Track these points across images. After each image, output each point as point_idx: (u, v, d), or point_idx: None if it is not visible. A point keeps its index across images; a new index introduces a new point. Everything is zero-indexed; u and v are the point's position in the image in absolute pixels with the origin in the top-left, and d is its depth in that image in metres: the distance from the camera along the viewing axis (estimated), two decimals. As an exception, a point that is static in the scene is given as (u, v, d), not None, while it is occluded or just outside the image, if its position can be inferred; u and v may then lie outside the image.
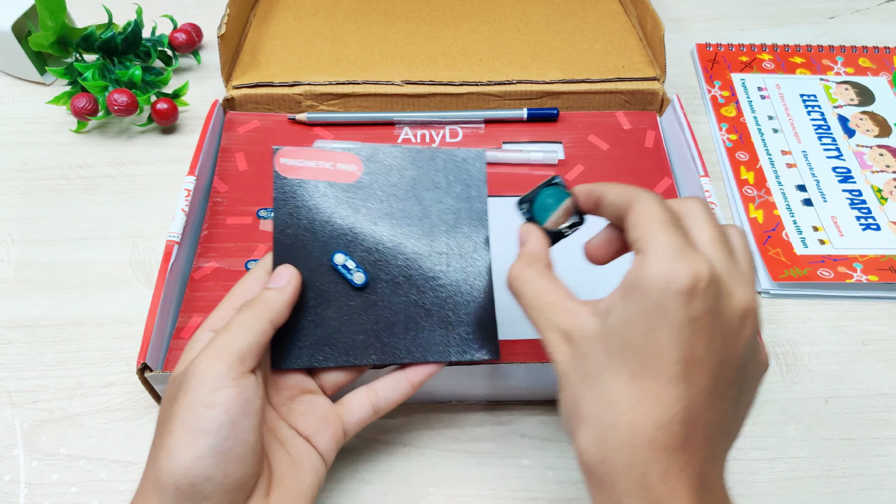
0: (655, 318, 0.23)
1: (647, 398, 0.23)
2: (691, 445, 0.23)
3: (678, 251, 0.23)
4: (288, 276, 0.29)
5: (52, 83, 0.55)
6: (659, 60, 0.50)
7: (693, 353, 0.23)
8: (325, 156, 0.31)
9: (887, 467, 0.35)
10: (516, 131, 0.48)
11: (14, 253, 0.44)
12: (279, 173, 0.31)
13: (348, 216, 0.31)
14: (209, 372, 0.25)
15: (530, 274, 0.27)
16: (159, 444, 0.25)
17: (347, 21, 0.55)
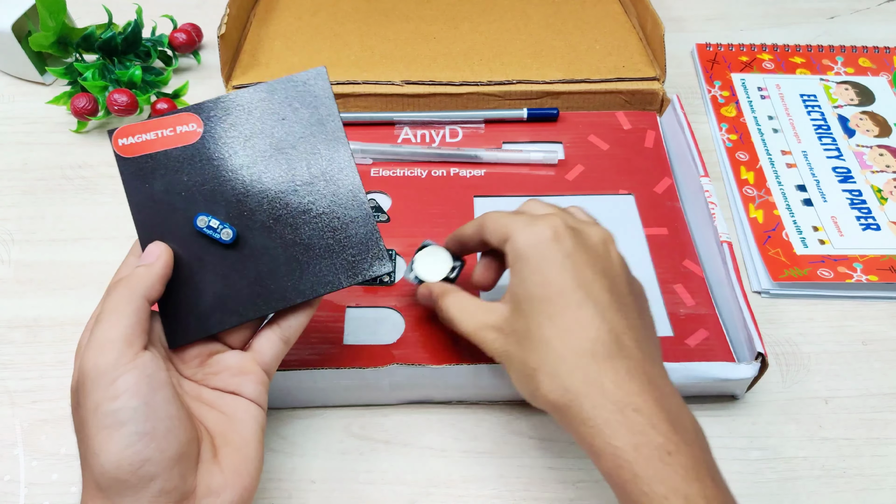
0: (541, 268, 0.28)
1: (571, 325, 0.27)
2: (626, 350, 0.27)
3: (531, 219, 0.30)
4: (157, 252, 0.29)
5: (52, 83, 0.55)
6: (659, 60, 0.50)
7: (583, 277, 0.28)
8: (163, 123, 0.30)
9: (887, 467, 0.35)
10: (516, 131, 0.48)
11: (14, 253, 0.44)
12: (120, 155, 0.30)
13: (203, 175, 0.30)
14: (98, 367, 0.25)
15: (451, 293, 0.32)
16: (84, 452, 0.25)
17: (348, 21, 0.55)
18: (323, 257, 0.30)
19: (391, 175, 0.45)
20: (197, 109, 0.31)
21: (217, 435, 0.28)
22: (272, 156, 0.31)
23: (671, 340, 0.37)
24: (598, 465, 0.26)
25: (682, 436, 0.25)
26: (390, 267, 0.31)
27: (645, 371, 0.26)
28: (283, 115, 0.31)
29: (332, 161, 0.31)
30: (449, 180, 0.45)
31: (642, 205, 0.44)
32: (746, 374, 0.34)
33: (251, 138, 0.31)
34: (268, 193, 0.30)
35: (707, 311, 0.38)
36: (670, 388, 0.27)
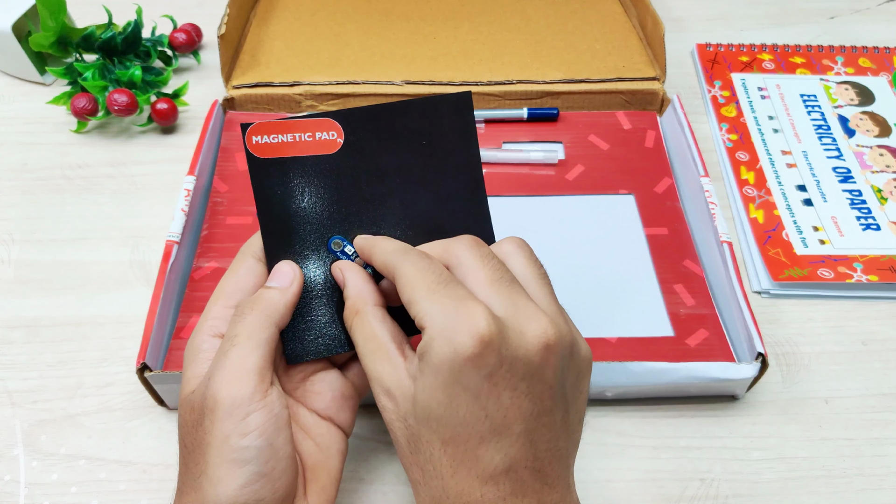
0: (452, 389, 0.23)
1: (465, 461, 0.23)
2: (521, 488, 0.23)
3: (452, 316, 0.23)
4: (292, 276, 0.27)
5: (52, 83, 0.55)
6: (659, 60, 0.50)
7: (498, 407, 0.23)
8: (302, 126, 0.28)
9: (887, 467, 0.35)
10: (516, 131, 0.48)
11: (14, 253, 0.44)
12: (253, 155, 0.28)
13: (339, 191, 0.28)
14: (234, 398, 0.24)
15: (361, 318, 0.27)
16: (197, 472, 0.24)
17: (347, 21, 0.55)
18: None
19: (391, 175, 0.45)
20: (339, 117, 0.28)
21: (308, 468, 0.27)
22: (410, 179, 0.29)
23: (671, 340, 0.37)
24: None
25: None
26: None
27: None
28: (426, 138, 0.29)
29: (465, 198, 0.29)
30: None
31: (642, 205, 0.44)
32: (747, 374, 0.34)
33: (392, 157, 0.29)
34: (401, 220, 0.29)
35: (707, 311, 0.38)
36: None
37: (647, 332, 0.37)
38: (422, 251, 0.26)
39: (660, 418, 0.36)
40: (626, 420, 0.36)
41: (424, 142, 0.29)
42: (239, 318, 0.26)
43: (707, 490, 0.34)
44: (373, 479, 0.34)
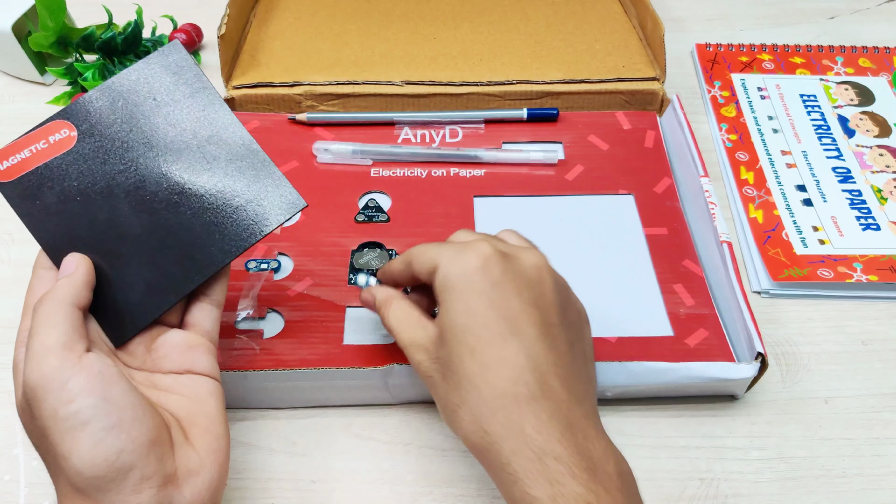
0: (466, 297, 0.27)
1: (493, 363, 0.26)
2: (550, 391, 0.26)
3: (459, 248, 0.28)
4: (74, 262, 0.29)
5: (52, 83, 0.55)
6: (659, 60, 0.50)
7: (509, 309, 0.27)
8: (32, 138, 0.30)
9: (887, 467, 0.35)
10: (516, 131, 0.48)
11: (14, 253, 0.44)
12: (2, 182, 0.30)
13: (92, 176, 0.30)
14: (45, 375, 0.25)
15: (394, 302, 0.31)
16: (53, 461, 0.25)
17: (347, 21, 0.55)
18: (238, 212, 0.31)
19: (391, 175, 0.45)
20: (64, 115, 0.30)
21: (183, 418, 0.28)
22: (157, 136, 0.31)
23: (671, 340, 0.37)
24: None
25: (604, 483, 0.24)
26: (304, 202, 0.31)
27: (568, 414, 0.26)
28: (154, 95, 0.31)
29: (214, 123, 0.31)
30: (449, 180, 0.45)
31: (642, 205, 0.44)
32: (746, 373, 0.34)
33: (129, 126, 0.31)
34: (164, 171, 0.30)
35: (707, 311, 0.38)
36: (595, 431, 0.26)
37: (646, 331, 0.37)
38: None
39: (659, 418, 0.36)
40: (626, 420, 0.36)
41: (153, 101, 0.31)
42: (33, 313, 0.27)
43: (707, 490, 0.34)
44: (373, 480, 0.34)
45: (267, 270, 0.40)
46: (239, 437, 0.35)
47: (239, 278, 0.39)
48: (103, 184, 0.30)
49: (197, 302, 0.31)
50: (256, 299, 0.38)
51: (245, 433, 0.35)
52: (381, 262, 0.39)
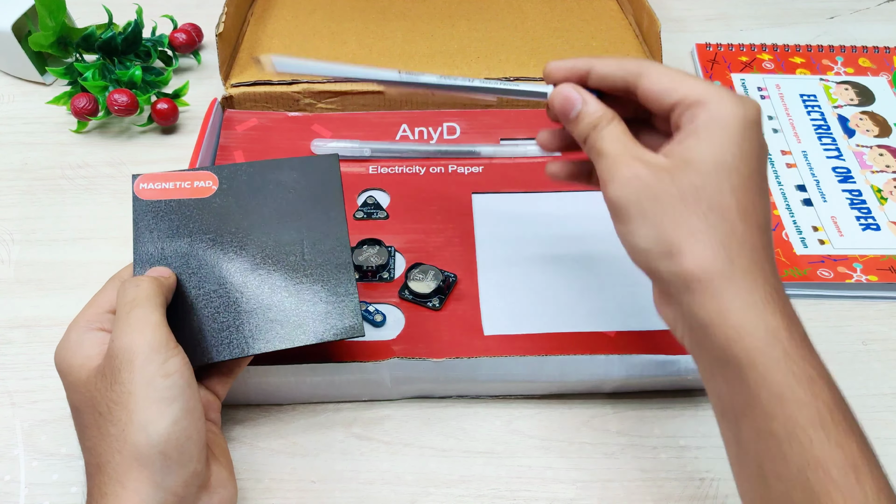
0: (742, 143, 0.26)
1: (751, 208, 0.26)
2: (770, 245, 0.26)
3: (732, 93, 0.27)
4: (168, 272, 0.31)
5: (52, 83, 0.55)
6: (655, 57, 0.50)
7: (763, 172, 0.27)
8: (182, 176, 0.34)
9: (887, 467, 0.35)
10: (515, 128, 0.48)
11: (14, 253, 0.44)
12: (137, 197, 0.33)
13: (208, 225, 0.33)
14: (151, 344, 0.26)
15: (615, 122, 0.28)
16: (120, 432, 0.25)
17: (345, 19, 0.55)
18: (303, 312, 0.32)
19: (389, 172, 0.45)
20: (216, 170, 0.34)
21: (209, 438, 0.29)
22: (275, 218, 0.34)
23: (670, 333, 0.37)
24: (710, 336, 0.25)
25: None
26: (363, 334, 0.32)
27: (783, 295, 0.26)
28: (292, 188, 0.34)
29: (327, 233, 0.33)
30: (447, 177, 0.45)
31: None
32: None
33: (259, 200, 0.34)
34: (265, 247, 0.33)
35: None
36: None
37: (646, 325, 0.37)
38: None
39: (660, 418, 0.36)
40: (626, 420, 0.36)
41: (291, 193, 0.34)
42: (131, 286, 0.28)
43: (706, 490, 0.34)
44: (373, 480, 0.34)
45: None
46: (239, 437, 0.35)
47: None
48: (213, 235, 0.33)
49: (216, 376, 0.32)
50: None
51: (245, 433, 0.35)
52: (381, 258, 0.39)
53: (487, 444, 0.35)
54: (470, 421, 0.36)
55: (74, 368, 0.28)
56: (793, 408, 0.24)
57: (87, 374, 0.27)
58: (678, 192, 0.26)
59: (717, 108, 0.26)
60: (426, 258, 0.40)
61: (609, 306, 0.38)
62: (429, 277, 0.38)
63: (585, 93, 0.29)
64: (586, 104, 0.29)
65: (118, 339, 0.26)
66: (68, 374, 0.28)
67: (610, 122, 0.28)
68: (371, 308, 0.37)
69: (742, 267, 0.25)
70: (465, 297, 0.38)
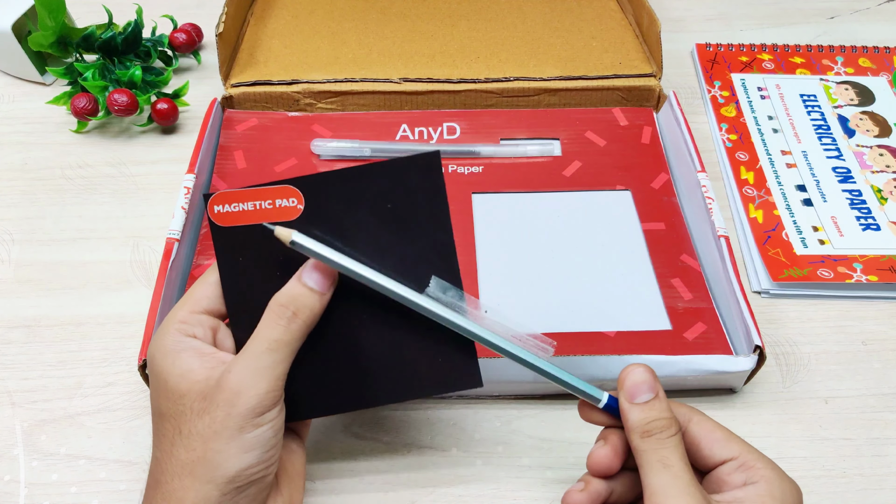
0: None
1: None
2: None
3: (783, 474, 0.27)
4: (329, 283, 0.27)
5: (52, 83, 0.55)
6: (655, 57, 0.50)
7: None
8: (262, 194, 0.28)
9: (887, 467, 0.35)
10: (514, 128, 0.48)
11: (14, 253, 0.44)
12: (216, 224, 0.28)
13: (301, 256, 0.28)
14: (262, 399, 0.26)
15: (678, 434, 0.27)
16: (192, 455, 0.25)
17: (345, 19, 0.55)
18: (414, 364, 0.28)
19: (391, 175, 0.45)
20: (299, 184, 0.28)
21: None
22: (373, 242, 0.28)
23: (669, 334, 0.37)
24: None
25: None
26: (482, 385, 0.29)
27: None
28: (389, 200, 0.28)
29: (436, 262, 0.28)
30: (447, 177, 0.45)
31: (639, 200, 0.44)
32: (744, 366, 0.34)
33: (353, 222, 0.28)
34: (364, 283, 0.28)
35: (705, 305, 0.38)
36: None
37: (644, 325, 0.37)
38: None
39: (659, 418, 0.36)
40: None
41: (390, 205, 0.28)
42: (282, 322, 0.27)
43: (706, 489, 0.34)
44: (373, 480, 0.34)
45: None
46: (238, 436, 0.35)
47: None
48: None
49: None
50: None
51: (244, 432, 0.35)
52: None
53: (487, 444, 0.35)
54: (470, 421, 0.36)
55: (173, 378, 0.26)
56: None
57: (187, 388, 0.26)
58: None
59: (779, 487, 0.26)
60: None
61: (609, 306, 0.38)
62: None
63: (672, 404, 0.28)
64: (661, 398, 0.27)
65: (236, 376, 0.25)
66: (165, 380, 0.27)
67: (678, 433, 0.27)
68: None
69: None
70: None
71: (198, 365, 0.27)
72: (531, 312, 0.38)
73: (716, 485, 0.27)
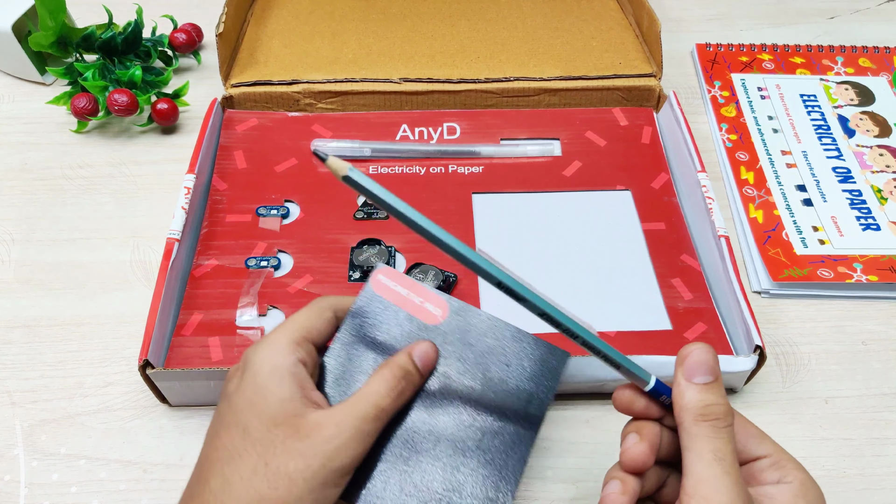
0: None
1: None
2: None
3: (808, 475, 0.27)
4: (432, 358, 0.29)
5: (52, 83, 0.55)
6: (655, 57, 0.50)
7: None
8: (418, 290, 0.31)
9: (887, 467, 0.35)
10: (514, 128, 0.48)
11: (14, 253, 0.44)
12: (371, 287, 0.31)
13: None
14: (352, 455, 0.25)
15: (729, 430, 0.26)
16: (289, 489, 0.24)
17: (345, 19, 0.55)
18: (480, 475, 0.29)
19: (390, 172, 0.45)
20: (453, 302, 0.31)
21: None
22: (480, 379, 0.30)
23: (669, 334, 0.37)
24: None
25: None
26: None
27: None
28: (509, 362, 0.30)
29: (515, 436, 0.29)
30: (447, 177, 0.45)
31: (639, 200, 0.44)
32: (744, 366, 0.34)
33: (475, 354, 0.30)
34: (461, 408, 0.29)
35: (705, 305, 0.38)
36: None
37: (645, 325, 0.37)
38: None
39: (659, 418, 0.36)
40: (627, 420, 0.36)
41: (508, 364, 0.30)
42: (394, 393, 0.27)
43: (706, 489, 0.34)
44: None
45: (267, 268, 0.40)
46: (238, 436, 0.35)
47: (239, 276, 0.39)
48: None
49: None
50: (257, 297, 0.38)
51: (244, 432, 0.35)
52: (381, 258, 0.39)
53: (487, 443, 0.35)
54: (470, 421, 0.36)
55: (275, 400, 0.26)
56: None
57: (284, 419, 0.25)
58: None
59: (811, 486, 0.26)
60: (426, 258, 0.40)
61: (609, 306, 0.38)
62: (429, 277, 0.38)
63: (719, 392, 0.26)
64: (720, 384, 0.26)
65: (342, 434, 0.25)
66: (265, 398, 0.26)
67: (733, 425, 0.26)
68: None
69: None
70: (465, 297, 0.38)
71: (299, 396, 0.26)
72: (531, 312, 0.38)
73: (748, 479, 0.27)
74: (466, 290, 0.39)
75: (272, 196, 0.43)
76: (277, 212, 0.42)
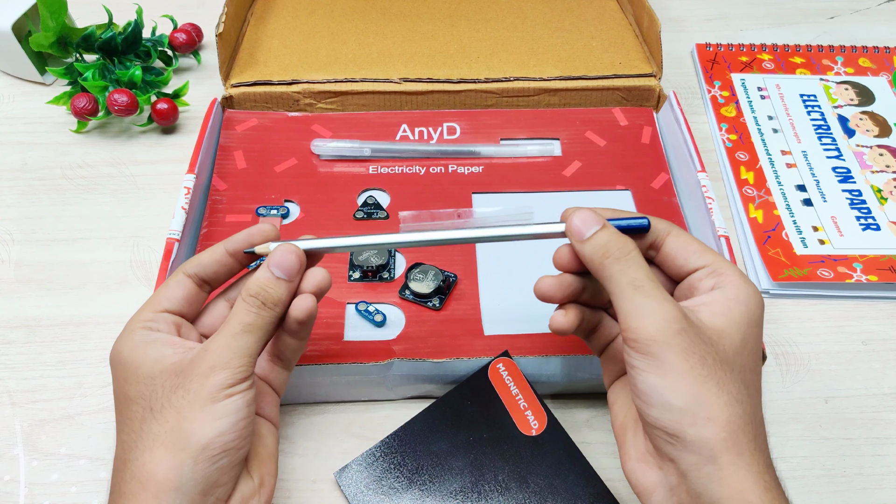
0: (755, 323, 0.27)
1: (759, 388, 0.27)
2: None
3: (745, 277, 0.28)
4: (297, 266, 0.29)
5: (52, 83, 0.55)
6: (655, 57, 0.50)
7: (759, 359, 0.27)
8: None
9: (887, 467, 0.35)
10: (514, 127, 0.48)
11: (14, 253, 0.44)
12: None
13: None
14: (235, 373, 0.26)
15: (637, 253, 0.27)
16: (165, 426, 0.26)
17: (345, 19, 0.55)
18: None
19: (390, 172, 0.45)
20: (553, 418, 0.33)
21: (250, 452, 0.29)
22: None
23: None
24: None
25: None
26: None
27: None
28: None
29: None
30: (447, 177, 0.45)
31: (639, 200, 0.44)
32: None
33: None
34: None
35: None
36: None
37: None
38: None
39: (659, 418, 0.36)
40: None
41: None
42: (253, 310, 0.28)
43: (706, 489, 0.34)
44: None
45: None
46: (238, 436, 0.35)
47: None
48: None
49: (276, 366, 0.31)
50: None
51: (244, 432, 0.35)
52: (381, 258, 0.39)
53: (487, 443, 0.35)
54: (470, 421, 0.36)
55: (146, 364, 0.27)
56: None
57: (160, 369, 0.27)
58: (718, 356, 0.25)
59: (743, 290, 0.27)
60: (426, 258, 0.40)
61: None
62: (429, 277, 0.38)
63: (611, 235, 0.28)
64: (608, 226, 0.28)
65: (212, 353, 0.26)
66: (136, 367, 0.27)
67: (637, 249, 0.27)
68: (371, 308, 0.36)
69: (759, 446, 0.25)
70: (465, 297, 0.38)
71: (170, 351, 0.27)
72: (531, 312, 0.38)
73: (687, 291, 0.28)
74: (466, 290, 0.39)
75: (272, 196, 0.43)
76: (277, 212, 0.42)
